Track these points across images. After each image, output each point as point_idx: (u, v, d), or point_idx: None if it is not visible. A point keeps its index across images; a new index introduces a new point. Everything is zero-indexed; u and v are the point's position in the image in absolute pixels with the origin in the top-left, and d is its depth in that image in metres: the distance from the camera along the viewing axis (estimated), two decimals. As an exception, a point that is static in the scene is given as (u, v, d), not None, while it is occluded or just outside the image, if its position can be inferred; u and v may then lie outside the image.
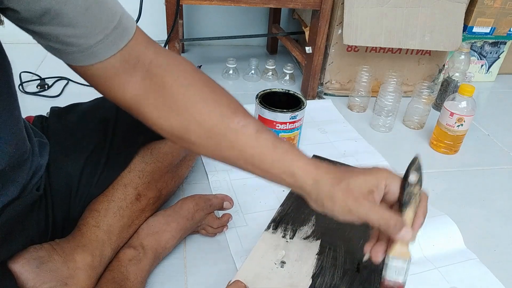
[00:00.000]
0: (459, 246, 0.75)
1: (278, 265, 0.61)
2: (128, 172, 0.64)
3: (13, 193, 0.48)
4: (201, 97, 0.48)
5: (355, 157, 1.00)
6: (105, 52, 0.44)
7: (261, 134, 0.48)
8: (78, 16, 0.41)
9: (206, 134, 0.48)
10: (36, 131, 0.59)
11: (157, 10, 1.49)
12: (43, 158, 0.56)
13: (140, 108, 0.48)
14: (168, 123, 0.48)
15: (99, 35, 0.43)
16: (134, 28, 0.47)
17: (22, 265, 0.50)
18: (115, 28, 0.44)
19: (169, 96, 0.48)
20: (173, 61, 0.49)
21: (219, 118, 0.48)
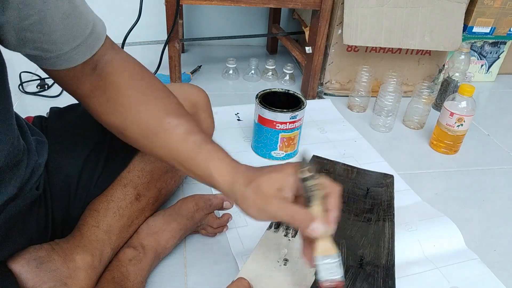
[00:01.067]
0: (460, 246, 0.75)
1: (281, 263, 0.61)
2: (127, 172, 0.64)
3: (11, 191, 0.48)
4: (141, 99, 0.52)
5: (355, 157, 1.00)
6: (80, 57, 0.48)
7: (189, 136, 0.51)
8: (58, 24, 0.43)
9: (142, 133, 0.52)
10: (34, 129, 0.59)
11: (157, 10, 1.49)
12: (42, 157, 0.56)
13: (89, 104, 0.53)
14: (110, 120, 0.53)
15: (75, 42, 0.46)
16: (105, 33, 0.52)
17: (22, 265, 0.49)
18: (89, 34, 0.48)
19: (113, 96, 0.52)
20: (125, 63, 0.54)
21: (154, 118, 0.52)
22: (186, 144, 0.51)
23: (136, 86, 0.53)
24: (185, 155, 0.51)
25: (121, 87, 0.52)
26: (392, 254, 0.68)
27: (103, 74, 0.52)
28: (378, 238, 0.71)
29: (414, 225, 0.77)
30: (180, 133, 0.51)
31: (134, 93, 0.52)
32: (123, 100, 0.52)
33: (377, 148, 1.05)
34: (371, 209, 0.79)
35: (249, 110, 1.00)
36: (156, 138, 0.52)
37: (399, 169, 0.97)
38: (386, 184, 0.88)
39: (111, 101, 0.52)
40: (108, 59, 0.52)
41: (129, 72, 0.53)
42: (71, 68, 0.48)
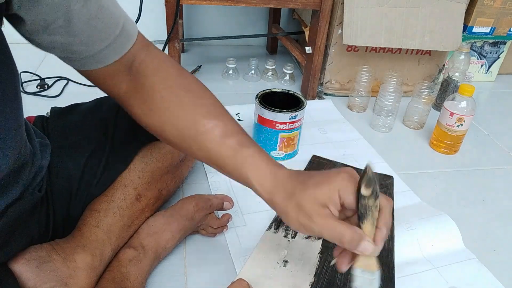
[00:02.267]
0: (458, 246, 0.75)
1: (281, 264, 0.61)
2: (128, 173, 0.64)
3: (15, 194, 0.48)
4: (178, 100, 0.51)
5: (355, 158, 1.00)
6: (110, 57, 0.48)
7: (225, 139, 0.49)
8: (84, 25, 0.43)
9: (179, 135, 0.51)
10: (38, 131, 0.59)
11: (157, 10, 1.49)
12: (45, 159, 0.56)
13: (128, 105, 0.53)
14: (149, 121, 0.52)
15: (104, 43, 0.46)
16: (136, 33, 0.51)
17: (22, 265, 0.50)
18: (119, 34, 0.48)
19: (150, 97, 0.51)
20: (161, 63, 0.53)
21: (190, 121, 0.50)
22: (222, 148, 0.49)
23: (171, 87, 0.52)
24: (223, 160, 0.49)
25: (156, 89, 0.51)
26: (392, 256, 0.68)
27: (137, 75, 0.51)
28: None
29: (414, 224, 0.77)
30: (216, 136, 0.49)
31: (169, 94, 0.51)
32: (159, 102, 0.51)
33: (377, 148, 1.05)
34: None
35: (250, 110, 1.00)
36: (193, 141, 0.50)
37: (399, 169, 0.97)
38: (385, 185, 0.88)
39: (147, 102, 0.51)
40: (142, 59, 0.51)
41: (165, 73, 0.52)
42: (102, 68, 0.49)
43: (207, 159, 0.51)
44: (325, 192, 0.43)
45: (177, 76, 0.53)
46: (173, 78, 0.53)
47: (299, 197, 0.44)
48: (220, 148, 0.49)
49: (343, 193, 0.43)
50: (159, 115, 0.51)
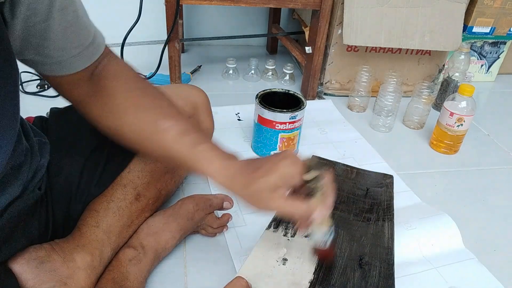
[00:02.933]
0: (457, 246, 0.75)
1: (280, 262, 0.62)
2: (127, 172, 0.64)
3: (15, 192, 0.48)
4: (137, 102, 0.54)
5: (355, 158, 1.00)
6: (80, 65, 0.51)
7: (183, 136, 0.52)
8: (61, 32, 0.46)
9: (137, 136, 0.54)
10: (36, 130, 0.59)
11: (157, 10, 1.49)
12: (44, 158, 0.56)
13: (86, 107, 0.55)
14: (107, 124, 0.54)
15: (77, 50, 0.49)
16: (104, 44, 0.55)
17: (22, 265, 0.50)
18: (90, 44, 0.51)
19: (109, 100, 0.53)
20: (120, 69, 0.56)
21: (148, 121, 0.53)
22: (179, 145, 0.52)
23: (131, 90, 0.55)
24: (180, 156, 0.52)
25: (117, 91, 0.54)
26: (392, 254, 0.68)
27: (99, 79, 0.54)
28: (378, 238, 0.71)
29: (414, 224, 0.77)
30: (174, 134, 0.52)
31: (129, 97, 0.54)
32: (118, 103, 0.53)
33: (377, 148, 1.05)
34: (370, 209, 0.79)
35: (250, 110, 1.00)
36: (151, 140, 0.53)
37: (399, 169, 0.97)
38: (385, 184, 0.88)
39: (107, 105, 0.53)
40: (104, 64, 0.54)
41: (124, 78, 0.55)
42: (69, 74, 0.51)
43: (165, 157, 0.54)
44: (273, 179, 0.49)
45: (135, 80, 0.56)
46: (132, 82, 0.56)
47: (254, 186, 0.50)
48: (177, 145, 0.52)
49: (287, 178, 0.51)
50: (118, 117, 0.53)
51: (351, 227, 0.73)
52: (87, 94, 0.54)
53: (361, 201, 0.81)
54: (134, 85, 0.55)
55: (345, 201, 0.80)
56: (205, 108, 0.82)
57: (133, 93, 0.54)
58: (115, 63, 0.56)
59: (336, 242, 0.58)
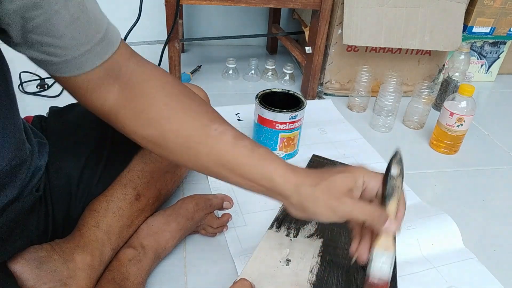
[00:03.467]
0: (457, 246, 0.75)
1: (283, 263, 0.61)
2: (127, 172, 0.64)
3: (12, 194, 0.48)
4: (179, 107, 0.50)
5: (355, 158, 1.00)
6: (90, 63, 0.45)
7: (238, 141, 0.49)
8: (65, 27, 0.41)
9: (184, 142, 0.49)
10: (36, 131, 0.59)
11: (157, 10, 1.49)
12: (42, 159, 0.56)
13: (118, 117, 0.49)
14: (146, 132, 0.49)
15: (84, 47, 0.44)
16: (119, 40, 0.48)
17: (22, 266, 0.50)
18: (100, 40, 0.45)
19: (147, 106, 0.49)
20: (154, 73, 0.51)
21: (197, 126, 0.49)
22: (237, 149, 0.49)
23: (171, 95, 0.50)
24: (237, 160, 0.49)
25: (155, 97, 0.49)
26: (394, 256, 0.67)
27: (130, 84, 0.49)
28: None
29: (414, 224, 0.77)
30: (228, 139, 0.49)
31: (170, 102, 0.49)
32: (159, 110, 0.49)
33: (377, 148, 1.05)
34: None
35: (249, 110, 1.00)
36: (202, 146, 0.49)
37: (399, 169, 0.97)
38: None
39: (144, 112, 0.49)
40: (133, 68, 0.49)
41: (160, 81, 0.50)
42: (81, 75, 0.45)
43: (216, 162, 0.49)
44: (351, 177, 0.47)
45: (174, 83, 0.51)
46: (172, 85, 0.51)
47: (326, 183, 0.46)
48: (235, 149, 0.49)
49: (367, 179, 0.47)
50: (160, 124, 0.49)
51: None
52: (117, 103, 0.48)
53: None
54: (174, 89, 0.51)
55: None
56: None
57: (176, 97, 0.50)
58: (145, 66, 0.50)
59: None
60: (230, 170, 0.49)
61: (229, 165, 0.49)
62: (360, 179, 0.47)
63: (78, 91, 0.47)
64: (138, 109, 0.49)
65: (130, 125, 0.50)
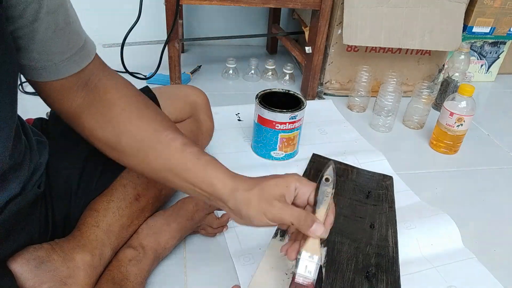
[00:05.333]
0: (457, 245, 0.75)
1: (289, 275, 0.61)
2: (127, 172, 0.64)
3: (15, 190, 0.49)
4: (137, 114, 0.54)
5: (355, 158, 1.00)
6: (67, 70, 0.49)
7: (186, 147, 0.52)
8: (49, 36, 0.45)
9: (137, 145, 0.53)
10: (35, 130, 0.59)
11: (157, 10, 1.49)
12: (43, 157, 0.57)
13: (80, 119, 0.53)
14: (104, 134, 0.53)
15: (63, 55, 0.48)
16: (95, 52, 0.54)
17: (21, 265, 0.50)
18: (79, 50, 0.50)
19: (108, 110, 0.53)
20: (117, 82, 0.55)
21: (150, 132, 0.53)
22: (184, 154, 0.52)
23: (131, 102, 0.54)
24: (183, 165, 0.51)
25: (116, 102, 0.53)
26: (397, 265, 0.67)
27: (96, 90, 0.53)
28: (382, 248, 0.70)
29: (413, 223, 0.77)
30: (177, 145, 0.52)
31: (128, 107, 0.54)
32: (118, 114, 0.53)
33: (377, 148, 1.05)
34: (373, 214, 0.78)
35: (250, 110, 1.00)
36: (152, 150, 0.52)
37: (399, 169, 0.97)
38: (385, 186, 0.87)
39: (104, 115, 0.53)
40: (100, 77, 0.54)
41: (122, 90, 0.55)
42: (57, 80, 0.49)
43: (164, 166, 0.52)
44: (283, 183, 0.50)
45: (135, 93, 0.56)
46: (132, 94, 0.55)
47: (261, 186, 0.49)
48: (183, 154, 0.52)
49: (299, 185, 0.50)
50: (117, 126, 0.53)
51: (356, 235, 0.72)
52: (81, 106, 0.53)
53: (363, 205, 0.80)
54: (134, 98, 0.55)
55: (348, 206, 0.79)
56: (205, 109, 0.83)
57: (134, 105, 0.54)
58: (112, 77, 0.55)
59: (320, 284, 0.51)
60: (176, 175, 0.52)
61: (175, 170, 0.52)
62: (292, 185, 0.50)
63: (51, 94, 0.51)
64: (98, 112, 0.53)
65: (88, 127, 0.53)
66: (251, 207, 0.49)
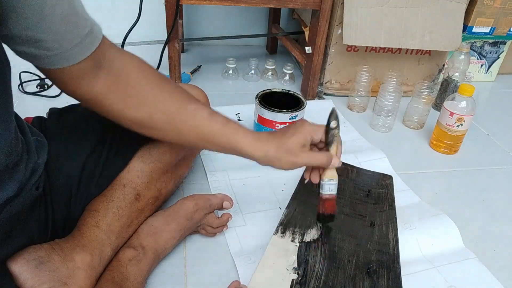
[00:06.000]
0: (457, 245, 0.75)
1: (290, 271, 0.61)
2: (127, 172, 0.64)
3: (11, 191, 0.48)
4: (161, 89, 0.57)
5: (355, 155, 1.00)
6: (79, 55, 0.49)
7: (213, 116, 0.59)
8: (57, 23, 0.45)
9: (168, 120, 0.57)
10: (34, 130, 0.59)
11: (157, 10, 1.49)
12: (41, 157, 0.56)
13: (104, 102, 0.54)
14: (133, 113, 0.56)
15: (74, 40, 0.48)
16: (102, 34, 0.53)
17: (21, 265, 0.50)
18: (87, 34, 0.50)
19: (133, 89, 0.55)
20: (134, 60, 0.57)
21: (178, 105, 0.57)
22: (212, 123, 0.58)
23: (151, 79, 0.57)
24: (214, 133, 0.58)
25: (139, 83, 0.55)
26: (398, 262, 0.67)
27: (114, 71, 0.54)
28: (383, 245, 0.70)
29: (413, 224, 0.77)
30: (204, 115, 0.58)
31: (152, 85, 0.56)
32: (144, 92, 0.55)
33: (377, 148, 1.05)
34: (373, 212, 0.78)
35: (250, 110, 1.00)
36: (183, 123, 0.57)
37: (399, 169, 0.97)
38: (385, 185, 0.87)
39: (131, 95, 0.55)
40: (114, 56, 0.54)
41: (139, 68, 0.57)
42: (70, 66, 0.49)
43: (196, 135, 0.58)
44: (302, 137, 0.60)
45: (151, 70, 0.58)
46: (150, 72, 0.58)
47: (287, 145, 0.59)
48: (210, 123, 0.58)
49: (313, 134, 0.61)
50: (147, 105, 0.56)
51: (357, 232, 0.72)
52: (103, 88, 0.53)
53: (364, 204, 0.80)
54: (151, 76, 0.57)
55: (348, 205, 0.79)
56: (205, 108, 0.82)
57: (154, 81, 0.57)
58: (123, 54, 0.56)
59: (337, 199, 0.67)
60: (209, 142, 0.59)
61: (207, 137, 0.59)
62: (308, 136, 0.61)
63: (67, 80, 0.51)
64: (124, 93, 0.54)
65: (117, 109, 0.55)
66: (282, 162, 0.59)
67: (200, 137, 0.58)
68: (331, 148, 0.62)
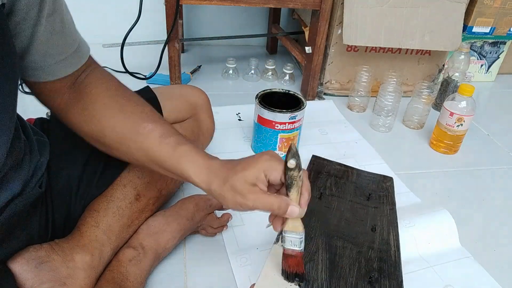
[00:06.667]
0: (454, 245, 0.75)
1: (292, 283, 0.61)
2: (127, 172, 0.64)
3: (15, 189, 0.49)
4: (119, 107, 0.55)
5: (355, 158, 1.00)
6: (62, 72, 0.52)
7: (164, 139, 0.53)
8: (46, 39, 0.47)
9: (118, 139, 0.54)
10: (35, 129, 0.60)
11: (157, 10, 1.49)
12: (44, 156, 0.57)
13: (68, 114, 0.55)
14: (88, 129, 0.55)
15: (60, 56, 0.50)
16: (88, 53, 0.56)
17: (21, 265, 0.50)
18: (74, 52, 0.52)
19: (92, 105, 0.54)
20: (102, 76, 0.57)
21: (131, 124, 0.54)
22: (161, 146, 0.53)
23: (113, 96, 0.56)
24: (161, 157, 0.53)
25: (98, 97, 0.55)
26: (400, 270, 0.67)
27: (80, 87, 0.55)
28: (384, 252, 0.70)
29: (412, 221, 0.77)
30: (155, 136, 0.53)
31: (110, 102, 0.55)
32: (100, 108, 0.54)
33: (377, 148, 1.05)
34: (374, 216, 0.78)
35: (250, 110, 1.00)
36: (132, 143, 0.54)
37: (399, 169, 0.97)
38: (386, 187, 0.87)
39: (88, 110, 0.54)
40: (87, 74, 0.56)
41: (106, 84, 0.56)
42: (52, 81, 0.51)
43: (146, 158, 0.54)
44: (252, 173, 0.50)
45: (118, 87, 0.57)
46: (115, 89, 0.57)
47: (231, 181, 0.50)
48: (160, 146, 0.53)
49: (268, 171, 0.50)
50: (100, 120, 0.54)
51: (358, 239, 0.72)
52: (68, 102, 0.55)
53: (365, 208, 0.80)
54: (116, 92, 0.56)
55: (349, 209, 0.79)
56: (206, 109, 0.83)
57: (115, 99, 0.56)
58: (97, 72, 0.57)
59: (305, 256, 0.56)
60: (157, 165, 0.54)
61: (155, 160, 0.54)
62: (261, 174, 0.50)
63: (44, 92, 0.54)
64: (83, 107, 0.54)
65: (75, 121, 0.55)
66: (227, 200, 0.51)
67: (150, 160, 0.54)
68: (291, 193, 0.51)
